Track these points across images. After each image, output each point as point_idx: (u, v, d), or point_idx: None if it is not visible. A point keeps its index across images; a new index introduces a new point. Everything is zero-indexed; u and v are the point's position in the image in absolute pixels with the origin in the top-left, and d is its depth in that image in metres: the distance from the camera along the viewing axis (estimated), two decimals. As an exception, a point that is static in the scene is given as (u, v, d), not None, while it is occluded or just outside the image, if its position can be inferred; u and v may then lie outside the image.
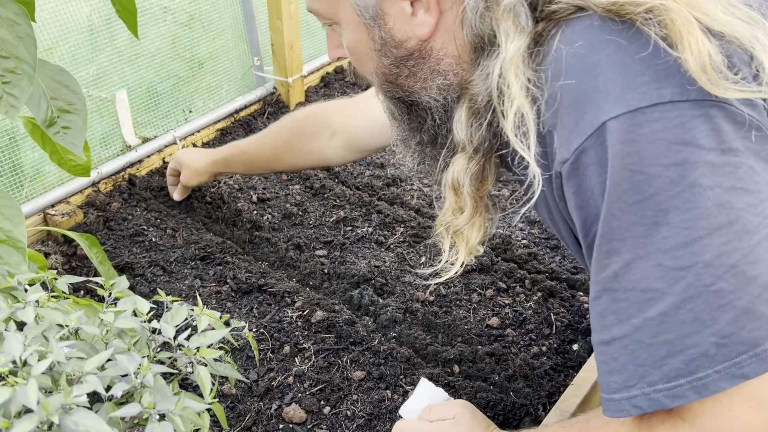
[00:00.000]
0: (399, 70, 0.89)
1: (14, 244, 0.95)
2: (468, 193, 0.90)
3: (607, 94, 0.70)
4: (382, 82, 0.93)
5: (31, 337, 0.64)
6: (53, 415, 0.53)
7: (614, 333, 0.74)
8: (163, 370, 0.66)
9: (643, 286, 0.71)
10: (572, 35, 0.74)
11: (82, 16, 1.87)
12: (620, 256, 0.72)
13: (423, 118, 0.93)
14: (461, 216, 0.93)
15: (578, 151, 0.72)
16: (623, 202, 0.70)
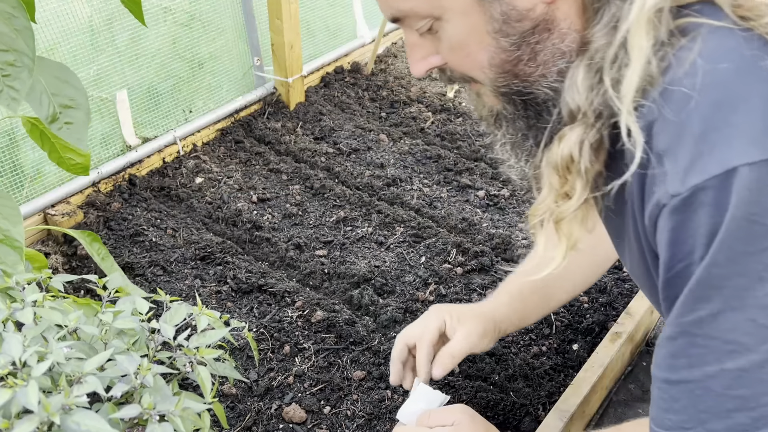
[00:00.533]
0: (520, 51, 0.77)
1: (11, 244, 0.95)
2: (584, 170, 0.77)
3: (746, 135, 0.64)
4: (498, 74, 0.80)
5: (30, 337, 0.64)
6: (54, 416, 0.53)
7: (683, 375, 0.72)
8: (163, 371, 0.66)
9: (728, 338, 0.68)
10: (717, 52, 0.67)
11: (82, 17, 1.87)
12: (711, 303, 0.68)
13: (540, 114, 0.81)
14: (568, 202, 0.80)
15: (695, 189, 0.66)
16: (732, 251, 0.66)
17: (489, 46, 0.78)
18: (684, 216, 0.68)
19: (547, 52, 0.77)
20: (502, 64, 0.79)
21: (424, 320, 1.20)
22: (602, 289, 1.64)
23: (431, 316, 1.20)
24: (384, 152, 2.20)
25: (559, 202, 0.80)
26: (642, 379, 1.45)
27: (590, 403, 1.33)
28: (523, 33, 0.76)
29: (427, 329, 1.18)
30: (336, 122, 2.35)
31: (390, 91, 2.55)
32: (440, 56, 0.82)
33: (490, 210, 1.95)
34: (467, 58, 0.80)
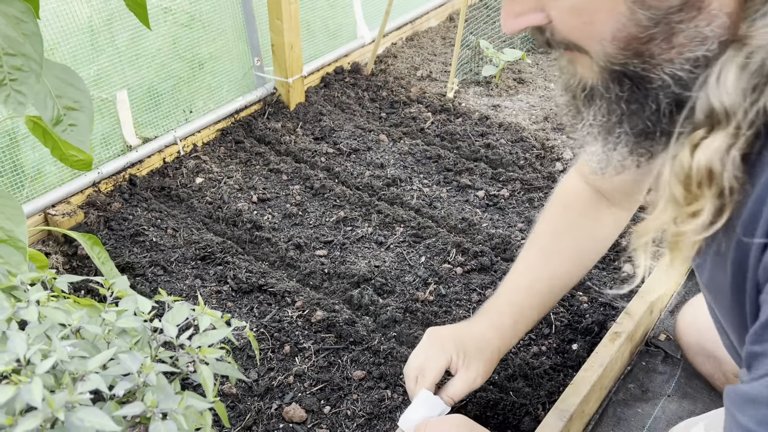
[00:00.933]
0: (657, 29, 0.64)
1: (15, 244, 0.95)
2: (728, 186, 0.64)
3: None
4: (619, 50, 0.67)
5: (34, 336, 0.64)
6: (58, 412, 0.53)
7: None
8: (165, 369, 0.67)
9: None
10: None
11: (82, 17, 1.87)
12: None
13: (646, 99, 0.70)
14: (692, 222, 0.67)
15: None
16: None
17: (621, 16, 0.65)
18: None
19: (687, 34, 0.65)
20: (629, 40, 0.66)
21: (429, 353, 1.14)
22: (602, 289, 1.65)
23: (437, 351, 1.13)
24: (384, 152, 2.20)
25: (679, 221, 0.69)
26: (641, 378, 1.45)
27: (590, 403, 1.34)
28: (669, 9, 0.63)
29: (432, 367, 1.12)
30: (336, 122, 2.35)
31: (390, 91, 2.56)
32: (545, 14, 0.70)
33: (489, 210, 1.95)
34: (588, 25, 0.67)
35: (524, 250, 1.24)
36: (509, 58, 2.62)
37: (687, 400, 1.40)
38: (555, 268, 1.21)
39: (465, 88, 2.63)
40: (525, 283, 1.21)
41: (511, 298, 1.21)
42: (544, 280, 1.21)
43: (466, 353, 1.14)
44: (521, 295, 1.21)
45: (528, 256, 1.23)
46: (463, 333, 1.18)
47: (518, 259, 1.24)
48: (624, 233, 1.22)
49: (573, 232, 1.21)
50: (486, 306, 1.24)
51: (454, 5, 3.21)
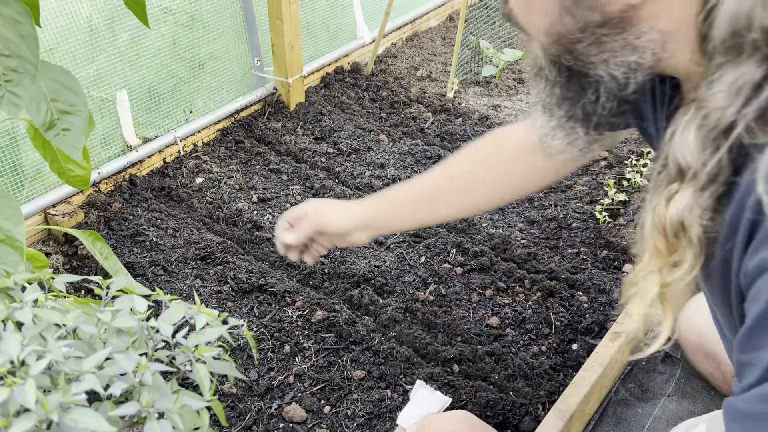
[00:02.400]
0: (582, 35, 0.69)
1: (12, 244, 0.95)
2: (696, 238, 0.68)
3: None
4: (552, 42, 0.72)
5: (29, 336, 0.64)
6: (52, 413, 0.53)
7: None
8: (162, 369, 0.66)
9: None
10: None
11: (82, 17, 1.87)
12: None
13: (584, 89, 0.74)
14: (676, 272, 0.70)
15: None
16: None
17: (552, 15, 0.70)
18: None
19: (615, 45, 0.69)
20: (559, 37, 0.71)
21: (299, 206, 1.26)
22: (601, 288, 1.65)
23: (306, 204, 1.25)
24: (384, 152, 2.20)
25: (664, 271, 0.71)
26: (641, 378, 1.45)
27: (590, 403, 1.33)
28: (589, 23, 0.68)
29: (292, 209, 1.26)
30: (336, 122, 2.35)
31: (390, 91, 2.55)
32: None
33: (489, 210, 1.95)
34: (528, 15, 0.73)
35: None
36: (509, 58, 2.61)
37: (687, 400, 1.40)
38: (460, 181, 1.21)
39: (465, 88, 2.62)
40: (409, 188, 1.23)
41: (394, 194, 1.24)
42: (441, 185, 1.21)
43: (321, 203, 1.24)
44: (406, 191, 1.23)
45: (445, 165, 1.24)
46: (333, 201, 1.28)
47: None
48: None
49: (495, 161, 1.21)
50: None
51: (454, 5, 3.21)
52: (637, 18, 0.67)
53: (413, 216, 1.22)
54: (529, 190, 1.21)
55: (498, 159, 1.18)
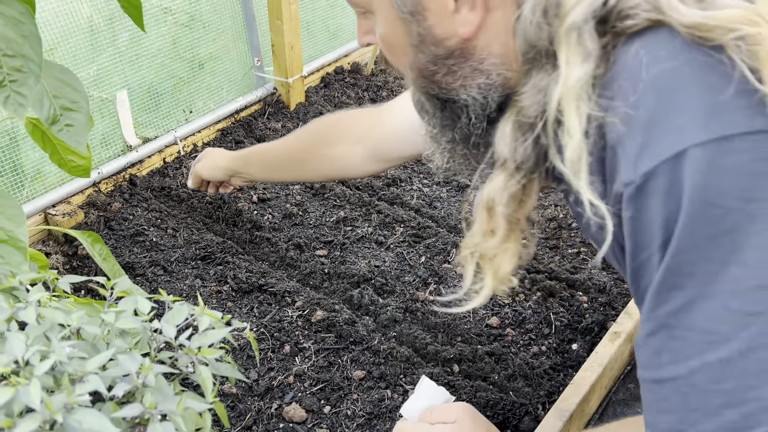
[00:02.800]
0: (437, 67, 0.82)
1: (15, 244, 0.95)
2: (502, 214, 0.82)
3: (691, 118, 0.64)
4: (417, 77, 0.85)
5: (32, 337, 0.64)
6: (57, 414, 0.53)
7: (669, 372, 0.69)
8: (165, 370, 0.67)
9: (706, 327, 0.66)
10: (653, 46, 0.68)
11: (82, 17, 1.87)
12: (684, 292, 0.67)
13: (458, 115, 0.86)
14: (492, 239, 0.85)
15: (647, 175, 0.66)
16: (696, 236, 0.65)
17: (408, 54, 0.83)
18: (639, 204, 0.68)
19: (465, 71, 0.82)
20: (420, 71, 0.84)
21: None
22: (601, 288, 1.65)
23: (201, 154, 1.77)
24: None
25: (485, 239, 0.85)
26: (641, 378, 1.45)
27: (590, 403, 1.34)
28: (437, 56, 0.81)
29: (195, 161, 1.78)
30: (336, 122, 2.35)
31: (390, 91, 2.55)
32: (376, 37, 0.88)
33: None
34: (392, 54, 0.87)
35: None
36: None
37: (687, 400, 1.40)
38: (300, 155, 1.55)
39: (465, 88, 2.62)
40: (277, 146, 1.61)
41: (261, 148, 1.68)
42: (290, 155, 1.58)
43: (206, 153, 1.78)
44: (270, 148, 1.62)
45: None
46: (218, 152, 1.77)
47: None
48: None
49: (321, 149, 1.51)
50: None
51: (455, 5, 3.21)
52: (473, 48, 0.79)
53: (265, 176, 1.68)
54: (348, 175, 1.56)
55: (323, 148, 1.49)
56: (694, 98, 0.65)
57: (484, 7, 0.77)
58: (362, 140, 1.44)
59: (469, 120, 0.85)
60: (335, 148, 1.47)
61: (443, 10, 0.77)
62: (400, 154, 1.41)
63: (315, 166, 1.51)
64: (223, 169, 1.69)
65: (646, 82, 0.67)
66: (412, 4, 0.78)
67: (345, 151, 1.46)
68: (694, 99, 0.65)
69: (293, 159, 1.54)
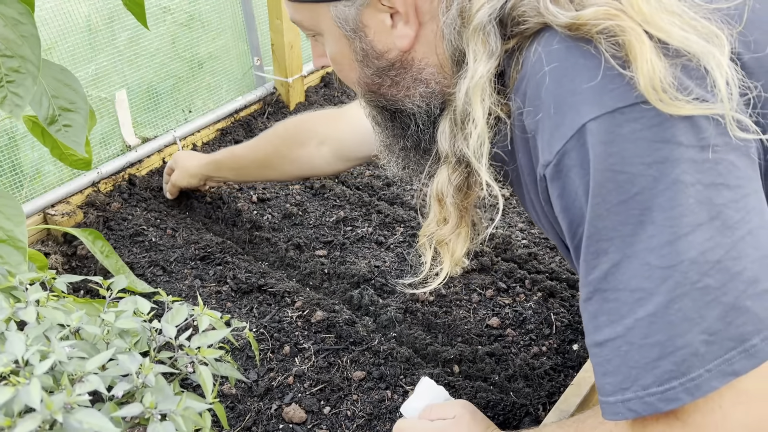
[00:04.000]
0: (381, 80, 0.91)
1: (15, 244, 0.95)
2: (451, 203, 0.90)
3: (585, 96, 0.71)
4: (365, 91, 0.95)
5: (32, 336, 0.64)
6: (57, 414, 0.53)
7: (606, 334, 0.74)
8: (165, 370, 0.66)
9: (633, 286, 0.71)
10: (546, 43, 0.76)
11: (80, 16, 1.87)
12: (608, 256, 0.72)
13: (406, 124, 0.94)
14: (445, 227, 0.93)
15: (560, 154, 0.73)
16: (608, 203, 0.71)
17: (355, 70, 0.92)
18: (561, 182, 0.74)
19: (407, 81, 0.90)
20: (368, 85, 0.93)
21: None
22: (602, 289, 1.65)
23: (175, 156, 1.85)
24: (383, 152, 2.20)
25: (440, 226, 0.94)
26: (642, 379, 1.45)
27: (590, 403, 1.33)
28: (381, 68, 0.90)
29: (169, 163, 1.88)
30: (336, 122, 2.35)
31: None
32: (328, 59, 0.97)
33: (489, 210, 1.95)
34: (341, 71, 0.96)
35: None
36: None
37: (688, 401, 1.40)
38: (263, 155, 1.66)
39: (465, 88, 2.62)
40: (245, 149, 1.72)
41: (230, 157, 1.76)
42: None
43: (176, 160, 1.87)
44: (242, 151, 1.72)
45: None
46: (197, 155, 1.86)
47: None
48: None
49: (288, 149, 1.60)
50: None
51: (454, 5, 3.21)
52: (411, 60, 0.88)
53: (234, 178, 1.81)
54: (315, 174, 1.66)
55: (290, 149, 1.58)
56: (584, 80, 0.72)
57: (416, 21, 0.85)
58: (327, 141, 1.55)
59: (417, 127, 0.93)
60: (301, 149, 1.57)
61: (381, 26, 0.86)
62: (364, 153, 1.52)
63: (284, 167, 1.62)
64: (197, 176, 1.79)
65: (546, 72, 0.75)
66: (353, 23, 0.86)
67: (311, 153, 1.56)
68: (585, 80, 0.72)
69: (262, 162, 1.64)
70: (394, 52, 0.88)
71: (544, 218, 0.87)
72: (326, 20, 0.89)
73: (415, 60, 0.88)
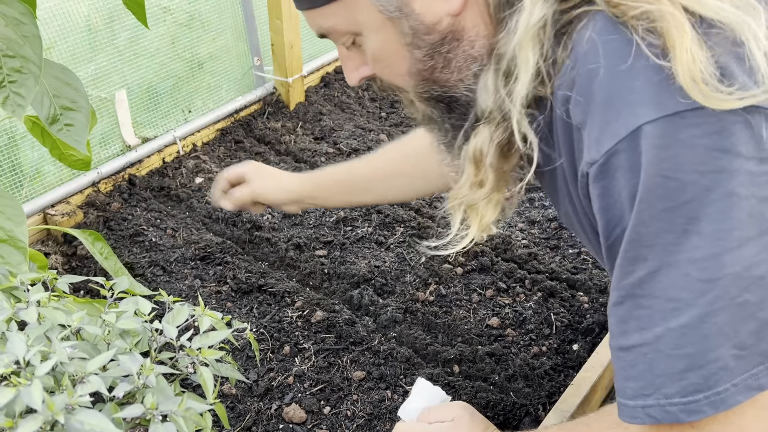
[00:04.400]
0: (434, 61, 0.84)
1: (15, 244, 0.95)
2: (491, 164, 0.84)
3: (643, 96, 0.68)
4: (418, 81, 0.87)
5: (33, 337, 0.64)
6: (58, 415, 0.53)
7: (634, 340, 0.73)
8: (165, 371, 0.66)
9: (669, 295, 0.70)
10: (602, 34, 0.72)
11: (80, 16, 1.87)
12: (647, 263, 0.70)
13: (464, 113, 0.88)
14: (480, 190, 0.87)
15: (609, 154, 0.70)
16: (654, 209, 0.68)
17: (405, 58, 0.85)
18: (605, 182, 0.71)
19: (459, 59, 0.83)
20: (420, 73, 0.86)
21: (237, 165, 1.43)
22: (602, 289, 1.65)
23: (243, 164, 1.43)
24: (384, 152, 2.20)
25: (473, 190, 0.88)
26: (642, 379, 1.45)
27: (590, 403, 1.33)
28: (432, 44, 0.82)
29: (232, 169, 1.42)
30: (336, 122, 2.35)
31: (389, 91, 2.55)
32: (369, 66, 0.90)
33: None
34: (388, 68, 0.88)
35: None
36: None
37: (687, 401, 1.40)
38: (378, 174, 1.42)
39: (465, 88, 2.62)
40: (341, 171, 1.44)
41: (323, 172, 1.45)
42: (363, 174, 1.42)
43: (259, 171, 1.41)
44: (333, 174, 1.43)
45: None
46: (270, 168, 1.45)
47: None
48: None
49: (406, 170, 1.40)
50: None
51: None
52: (462, 28, 0.82)
53: (340, 198, 1.44)
54: (440, 189, 1.40)
55: (416, 160, 1.35)
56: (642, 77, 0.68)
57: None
58: None
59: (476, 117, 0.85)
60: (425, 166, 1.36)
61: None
62: None
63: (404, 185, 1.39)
64: (295, 193, 1.41)
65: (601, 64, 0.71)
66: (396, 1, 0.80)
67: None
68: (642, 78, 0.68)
69: (387, 174, 1.39)
70: (445, 21, 0.81)
71: (582, 212, 0.83)
72: (364, 10, 0.82)
73: (465, 30, 0.81)
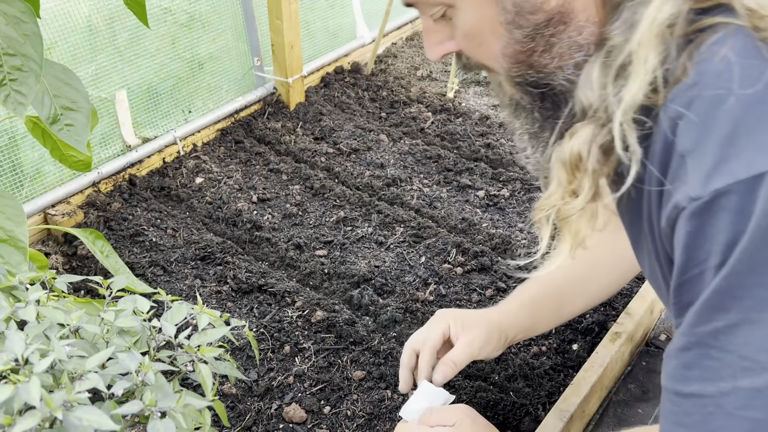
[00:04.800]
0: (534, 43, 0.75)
1: (15, 244, 0.95)
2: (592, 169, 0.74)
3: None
4: (512, 64, 0.78)
5: (32, 335, 0.64)
6: (57, 411, 0.53)
7: (695, 389, 0.69)
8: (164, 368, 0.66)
9: (744, 353, 0.65)
10: (746, 50, 0.65)
11: (80, 16, 1.87)
12: (729, 314, 0.65)
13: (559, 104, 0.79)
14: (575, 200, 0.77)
15: (718, 193, 0.63)
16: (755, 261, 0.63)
17: (502, 37, 0.76)
18: (703, 221, 0.65)
19: (563, 44, 0.75)
20: (516, 55, 0.76)
21: (429, 325, 1.18)
22: (602, 289, 1.65)
23: (435, 322, 1.18)
24: (384, 152, 2.20)
25: (566, 199, 0.78)
26: (642, 379, 1.45)
27: (590, 403, 1.33)
28: (536, 25, 0.73)
29: (431, 335, 1.15)
30: (336, 122, 2.35)
31: (390, 91, 2.55)
32: (455, 42, 0.81)
33: (489, 210, 1.95)
34: (481, 47, 0.79)
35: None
36: (509, 58, 2.61)
37: (687, 400, 1.40)
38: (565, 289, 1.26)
39: (465, 88, 2.62)
40: (534, 286, 1.25)
41: (520, 294, 1.25)
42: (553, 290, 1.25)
43: (464, 321, 1.17)
44: (531, 289, 1.25)
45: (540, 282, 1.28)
46: (463, 311, 1.22)
47: None
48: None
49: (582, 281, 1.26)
50: None
51: (454, 5, 3.21)
52: (572, 9, 0.73)
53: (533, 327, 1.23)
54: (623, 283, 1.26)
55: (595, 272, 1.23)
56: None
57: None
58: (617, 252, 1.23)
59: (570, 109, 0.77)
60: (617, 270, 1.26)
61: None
62: None
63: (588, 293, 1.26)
64: (506, 341, 1.21)
65: (733, 91, 0.63)
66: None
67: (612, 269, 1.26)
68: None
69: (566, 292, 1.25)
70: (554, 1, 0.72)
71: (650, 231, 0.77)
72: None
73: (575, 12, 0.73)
